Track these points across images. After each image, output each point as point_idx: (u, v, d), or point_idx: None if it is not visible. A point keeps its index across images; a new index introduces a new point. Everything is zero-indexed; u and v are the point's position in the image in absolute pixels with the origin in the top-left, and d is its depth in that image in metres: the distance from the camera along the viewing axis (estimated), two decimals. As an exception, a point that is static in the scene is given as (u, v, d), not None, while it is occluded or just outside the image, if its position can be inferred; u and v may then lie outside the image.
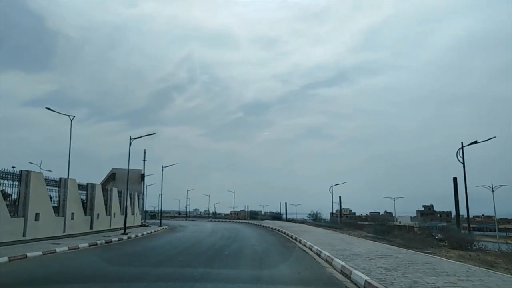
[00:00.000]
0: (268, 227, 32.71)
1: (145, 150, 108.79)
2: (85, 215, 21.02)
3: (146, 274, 8.50)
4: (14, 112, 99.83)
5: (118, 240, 18.55)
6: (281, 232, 26.23)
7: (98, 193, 22.95)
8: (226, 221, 61.18)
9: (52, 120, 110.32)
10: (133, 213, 32.83)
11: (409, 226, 39.64)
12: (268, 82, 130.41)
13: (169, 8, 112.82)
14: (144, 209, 38.03)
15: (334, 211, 57.96)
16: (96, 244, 15.71)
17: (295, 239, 19.51)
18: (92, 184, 22.39)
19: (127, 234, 21.21)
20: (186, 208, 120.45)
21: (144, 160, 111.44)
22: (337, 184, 50.18)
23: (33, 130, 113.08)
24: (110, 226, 25.67)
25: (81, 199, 20.57)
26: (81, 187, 20.56)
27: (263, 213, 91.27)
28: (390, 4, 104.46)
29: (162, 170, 38.23)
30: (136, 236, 21.90)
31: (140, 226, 33.13)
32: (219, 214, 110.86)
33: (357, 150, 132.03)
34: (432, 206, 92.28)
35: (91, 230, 21.42)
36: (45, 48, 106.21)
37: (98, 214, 22.74)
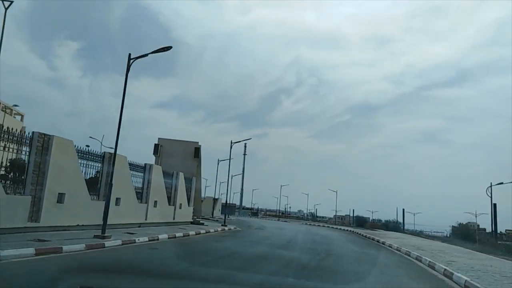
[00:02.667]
0: (407, 254, 16.49)
1: (245, 143, 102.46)
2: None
3: None
4: (145, 113, 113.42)
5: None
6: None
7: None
8: (325, 227, 48.69)
9: (175, 121, 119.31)
10: (189, 204, 24.03)
11: None
12: (378, 84, 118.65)
13: (279, 13, 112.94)
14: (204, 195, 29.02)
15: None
16: None
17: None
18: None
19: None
20: (285, 207, 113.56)
21: (245, 155, 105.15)
22: (499, 183, 32.35)
23: (158, 129, 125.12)
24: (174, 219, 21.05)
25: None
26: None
27: (371, 220, 77.12)
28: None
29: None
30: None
31: (191, 223, 24.15)
32: (320, 217, 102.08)
33: (482, 158, 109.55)
34: None
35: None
36: (170, 56, 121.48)
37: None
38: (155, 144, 24.21)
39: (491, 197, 26.63)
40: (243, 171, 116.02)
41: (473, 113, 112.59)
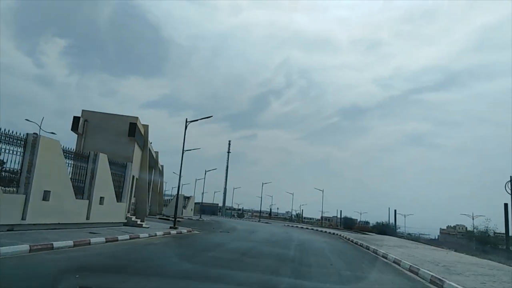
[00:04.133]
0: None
1: (229, 141, 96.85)
2: None
3: None
4: (134, 113, 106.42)
5: None
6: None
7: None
8: (308, 230, 42.82)
9: (165, 121, 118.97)
10: (120, 199, 17.75)
11: None
12: (367, 87, 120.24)
13: (270, 15, 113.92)
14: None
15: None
16: None
17: None
18: None
19: None
20: (270, 208, 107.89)
21: (229, 152, 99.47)
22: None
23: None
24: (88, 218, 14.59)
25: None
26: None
27: (358, 221, 72.50)
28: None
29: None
30: None
31: (124, 224, 17.89)
32: (308, 218, 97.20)
33: (468, 162, 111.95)
34: None
35: None
36: (160, 56, 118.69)
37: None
38: (75, 117, 17.70)
39: (511, 193, 21.04)
40: (227, 170, 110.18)
41: (461, 117, 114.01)
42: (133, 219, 19.19)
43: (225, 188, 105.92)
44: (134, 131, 18.13)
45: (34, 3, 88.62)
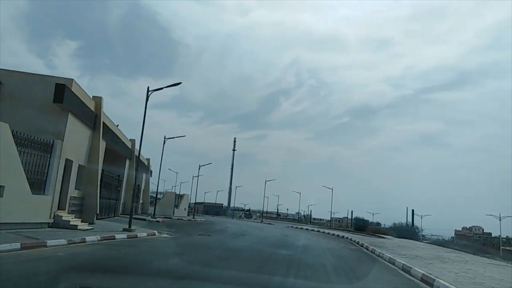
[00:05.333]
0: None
1: (235, 138, 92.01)
2: None
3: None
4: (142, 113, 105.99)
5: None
6: None
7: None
8: (314, 232, 37.36)
9: (174, 121, 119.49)
10: (41, 190, 12.64)
11: None
12: (378, 86, 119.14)
13: (278, 14, 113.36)
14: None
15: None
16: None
17: None
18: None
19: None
20: (277, 208, 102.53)
21: (234, 150, 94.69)
22: None
23: (156, 130, 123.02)
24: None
25: None
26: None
27: (370, 222, 65.94)
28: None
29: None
30: None
31: (50, 225, 12.79)
32: (317, 219, 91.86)
33: (479, 161, 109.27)
34: None
35: None
36: (169, 56, 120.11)
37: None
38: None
39: None
40: (232, 168, 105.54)
41: (473, 116, 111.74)
42: (69, 218, 14.09)
43: (230, 188, 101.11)
44: (62, 96, 12.94)
45: (46, 6, 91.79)
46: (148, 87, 16.72)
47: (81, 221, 14.96)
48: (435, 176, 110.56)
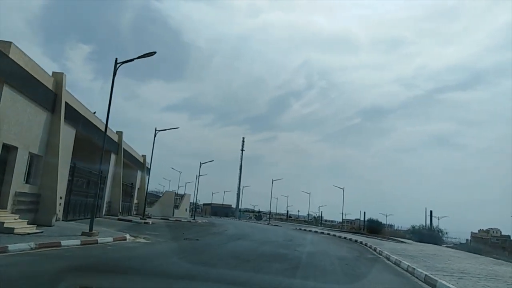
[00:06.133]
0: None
1: (243, 138, 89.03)
2: None
3: None
4: (155, 116, 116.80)
5: None
6: None
7: None
8: (323, 235, 33.91)
9: (185, 124, 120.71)
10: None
11: None
12: (389, 87, 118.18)
13: (289, 16, 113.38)
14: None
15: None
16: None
17: None
18: None
19: None
20: (287, 210, 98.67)
21: (242, 150, 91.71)
22: None
23: (168, 132, 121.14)
24: None
25: None
26: None
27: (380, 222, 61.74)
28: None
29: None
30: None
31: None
32: (329, 221, 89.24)
33: (495, 163, 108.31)
34: None
35: None
36: (180, 59, 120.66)
37: None
38: None
39: None
40: (241, 168, 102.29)
41: (487, 116, 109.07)
42: (10, 219, 11.09)
43: (239, 189, 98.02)
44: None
45: (60, 11, 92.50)
46: (116, 59, 13.72)
47: (30, 223, 11.97)
48: (449, 178, 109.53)
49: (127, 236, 14.02)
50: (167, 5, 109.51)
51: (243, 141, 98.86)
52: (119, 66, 13.69)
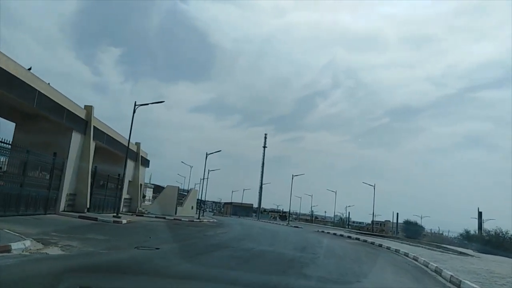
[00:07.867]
0: None
1: (265, 135, 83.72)
2: None
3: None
4: (182, 117, 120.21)
5: None
6: None
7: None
8: (350, 241, 27.38)
9: (211, 125, 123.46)
10: None
11: None
12: (419, 85, 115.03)
13: (314, 15, 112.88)
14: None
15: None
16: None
17: None
18: None
19: None
20: (312, 210, 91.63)
21: (264, 147, 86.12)
22: None
23: (195, 133, 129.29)
24: None
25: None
26: None
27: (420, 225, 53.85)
28: None
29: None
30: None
31: None
32: (357, 223, 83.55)
33: None
34: None
35: None
36: (207, 60, 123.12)
37: None
38: None
39: None
40: (263, 166, 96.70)
41: None
42: None
43: (261, 187, 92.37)
44: None
45: (90, 16, 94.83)
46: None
47: None
48: (483, 179, 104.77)
49: (22, 245, 8.34)
50: (193, 7, 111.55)
51: (265, 138, 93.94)
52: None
